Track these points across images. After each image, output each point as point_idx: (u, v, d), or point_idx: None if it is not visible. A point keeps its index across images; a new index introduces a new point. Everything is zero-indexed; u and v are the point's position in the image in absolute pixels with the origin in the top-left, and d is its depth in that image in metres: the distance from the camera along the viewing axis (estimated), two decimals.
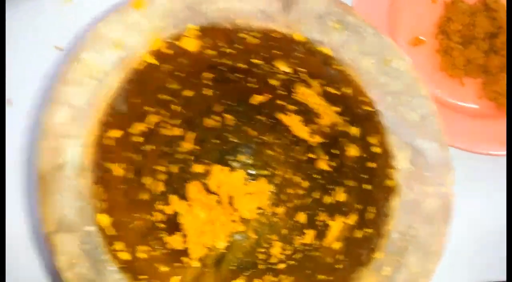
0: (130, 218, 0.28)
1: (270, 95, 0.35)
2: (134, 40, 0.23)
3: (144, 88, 0.26)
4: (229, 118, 0.38)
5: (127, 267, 0.23)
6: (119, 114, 0.25)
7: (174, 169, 0.37)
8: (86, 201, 0.23)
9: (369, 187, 0.26)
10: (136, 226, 0.29)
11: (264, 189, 0.41)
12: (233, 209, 0.40)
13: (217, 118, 0.38)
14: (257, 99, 0.35)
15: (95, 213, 0.23)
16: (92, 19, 0.37)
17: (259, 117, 0.38)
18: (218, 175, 0.40)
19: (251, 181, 0.41)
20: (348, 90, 0.25)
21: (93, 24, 0.22)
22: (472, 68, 0.43)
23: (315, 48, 0.23)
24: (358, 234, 0.27)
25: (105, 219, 0.24)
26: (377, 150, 0.25)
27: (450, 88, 0.43)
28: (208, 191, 0.39)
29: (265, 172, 0.41)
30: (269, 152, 0.41)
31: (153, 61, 0.24)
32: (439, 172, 0.22)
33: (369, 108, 0.23)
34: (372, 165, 0.26)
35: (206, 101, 0.35)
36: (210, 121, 0.38)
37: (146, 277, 0.24)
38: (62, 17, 0.44)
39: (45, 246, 0.22)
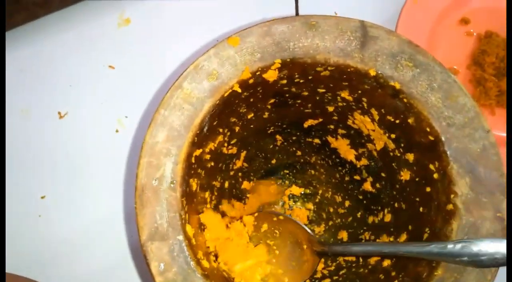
0: (201, 231, 0.30)
1: (322, 119, 0.37)
2: (227, 71, 0.25)
3: (223, 112, 0.28)
4: (279, 139, 0.41)
5: (207, 274, 0.26)
6: (202, 135, 0.28)
7: (226, 184, 0.39)
8: (176, 213, 0.25)
9: (423, 209, 0.29)
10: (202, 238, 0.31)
11: (304, 207, 0.44)
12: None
13: (268, 139, 0.40)
14: (309, 123, 0.38)
15: (182, 223, 0.25)
16: (193, 53, 0.41)
17: (308, 139, 0.40)
18: (261, 191, 0.43)
19: (291, 199, 0.44)
20: (411, 120, 0.27)
21: (194, 57, 0.24)
22: (504, 99, 0.45)
23: (386, 82, 0.26)
24: None
25: (190, 230, 0.26)
26: (435, 175, 0.27)
27: None
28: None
29: (306, 191, 0.44)
30: (312, 172, 0.43)
31: (238, 89, 0.27)
32: (496, 198, 0.25)
33: (433, 138, 0.26)
34: (428, 189, 0.28)
35: (262, 123, 0.37)
36: (261, 142, 0.40)
37: None
38: (115, 39, 0.47)
39: (141, 252, 0.24)
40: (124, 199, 0.43)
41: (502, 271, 0.26)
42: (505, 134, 0.46)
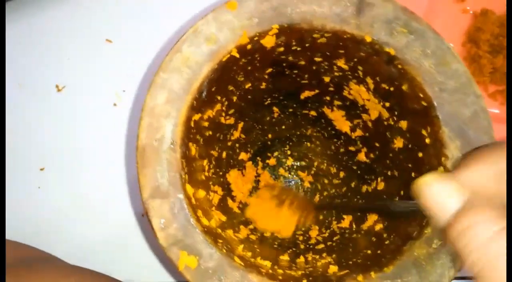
0: (199, 193, 0.31)
1: (318, 91, 0.38)
2: (225, 36, 0.26)
3: (221, 78, 0.29)
4: (276, 111, 0.41)
5: (207, 231, 0.27)
6: (201, 100, 0.28)
7: (224, 154, 0.40)
8: (176, 172, 0.26)
9: (415, 174, 0.30)
10: (203, 201, 0.32)
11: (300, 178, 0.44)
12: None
13: (265, 111, 0.41)
14: (306, 94, 0.38)
15: (182, 183, 0.26)
16: (192, 16, 0.41)
17: (304, 111, 0.41)
18: (259, 163, 0.44)
19: (288, 170, 0.44)
20: (404, 87, 0.28)
21: (193, 21, 0.25)
22: (498, 76, 0.46)
23: (382, 48, 0.27)
24: None
25: (190, 189, 0.27)
26: (427, 140, 0.28)
27: None
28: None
29: (302, 163, 0.45)
30: (308, 144, 0.44)
31: (236, 54, 0.27)
32: None
33: (426, 104, 0.27)
34: (420, 154, 0.29)
35: (259, 94, 0.38)
36: (258, 113, 0.41)
37: (221, 241, 0.27)
38: (112, 13, 0.48)
39: (144, 209, 0.25)
40: (126, 170, 0.44)
41: None
42: (497, 111, 0.47)
